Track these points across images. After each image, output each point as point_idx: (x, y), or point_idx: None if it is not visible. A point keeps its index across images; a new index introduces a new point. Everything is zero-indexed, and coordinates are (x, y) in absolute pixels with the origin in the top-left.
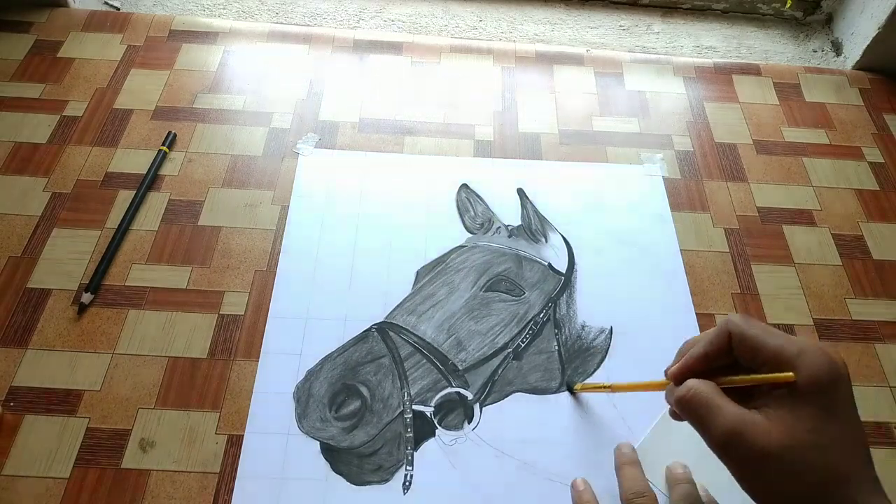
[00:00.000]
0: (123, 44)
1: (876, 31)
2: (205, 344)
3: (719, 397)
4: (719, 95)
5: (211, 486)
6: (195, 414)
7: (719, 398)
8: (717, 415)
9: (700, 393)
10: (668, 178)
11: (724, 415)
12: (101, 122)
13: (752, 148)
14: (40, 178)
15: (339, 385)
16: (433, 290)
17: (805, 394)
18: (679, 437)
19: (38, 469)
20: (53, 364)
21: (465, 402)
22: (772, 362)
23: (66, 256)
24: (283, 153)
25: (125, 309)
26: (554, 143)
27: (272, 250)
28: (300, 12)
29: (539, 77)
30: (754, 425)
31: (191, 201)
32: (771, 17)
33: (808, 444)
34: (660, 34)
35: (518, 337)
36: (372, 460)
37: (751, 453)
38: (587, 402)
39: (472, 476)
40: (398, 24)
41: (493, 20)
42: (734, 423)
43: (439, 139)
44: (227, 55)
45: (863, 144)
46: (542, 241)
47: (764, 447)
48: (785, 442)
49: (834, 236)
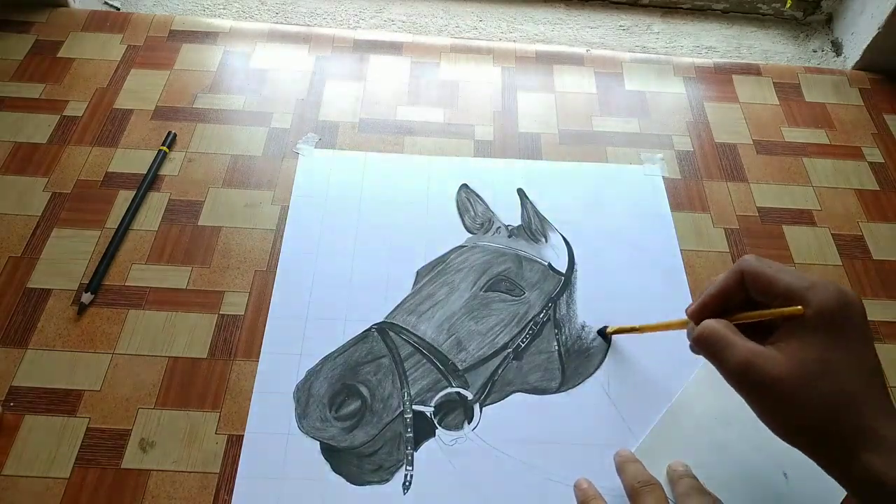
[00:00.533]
0: (123, 44)
1: (876, 31)
2: (205, 344)
3: (733, 333)
4: (719, 95)
5: (211, 486)
6: (195, 414)
7: (733, 334)
8: (730, 349)
9: (715, 330)
10: (668, 178)
11: (737, 348)
12: (101, 122)
13: (752, 148)
14: (40, 178)
15: (339, 385)
16: (433, 290)
17: (814, 324)
18: (679, 438)
19: (38, 469)
20: (53, 364)
21: (465, 402)
22: (783, 297)
23: (66, 256)
24: (283, 153)
25: (125, 309)
26: (554, 143)
27: (272, 250)
28: (300, 12)
29: (539, 77)
30: (765, 357)
31: (191, 201)
32: (771, 17)
33: (816, 371)
34: (660, 34)
35: (518, 337)
36: (372, 460)
37: (763, 382)
38: (587, 402)
39: (472, 476)
40: (398, 24)
41: (493, 20)
42: (746, 355)
43: (439, 139)
44: (227, 55)
45: (863, 144)
46: (542, 241)
47: (775, 376)
48: (794, 370)
49: (834, 236)
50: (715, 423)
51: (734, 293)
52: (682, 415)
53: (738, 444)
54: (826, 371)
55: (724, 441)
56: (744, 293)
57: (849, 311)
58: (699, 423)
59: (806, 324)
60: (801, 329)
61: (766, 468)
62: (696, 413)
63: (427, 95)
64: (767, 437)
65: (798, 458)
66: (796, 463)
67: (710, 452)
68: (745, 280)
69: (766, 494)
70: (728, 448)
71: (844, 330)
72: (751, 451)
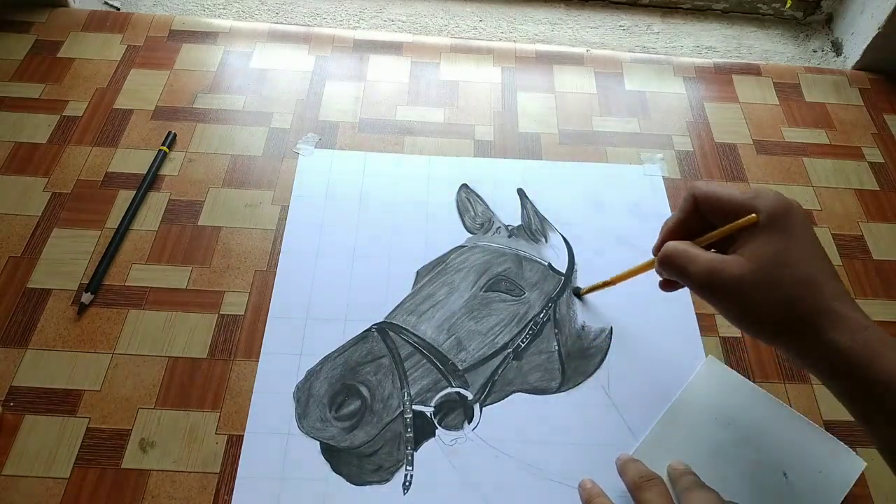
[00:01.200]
0: (123, 44)
1: (876, 31)
2: (205, 344)
3: (694, 248)
4: (719, 95)
5: (211, 486)
6: (195, 414)
7: (694, 249)
8: (693, 262)
9: (676, 248)
10: (668, 178)
11: (700, 261)
12: (101, 122)
13: (752, 148)
14: (40, 178)
15: (339, 385)
16: (433, 290)
17: (766, 226)
18: (679, 438)
19: (38, 469)
20: (53, 364)
21: (465, 402)
22: (734, 211)
23: (66, 256)
24: (283, 153)
25: (125, 309)
26: (554, 143)
27: (272, 250)
28: (300, 12)
29: (539, 77)
30: (727, 261)
31: (191, 201)
32: (771, 17)
33: (776, 263)
34: (660, 34)
35: (518, 337)
36: (372, 460)
37: (727, 284)
38: (587, 402)
39: (472, 476)
40: (398, 24)
41: (493, 20)
42: (709, 264)
43: (439, 139)
44: (227, 55)
45: (863, 144)
46: (542, 241)
47: (737, 276)
48: (755, 268)
49: (834, 236)
50: (715, 423)
51: (692, 220)
52: (682, 415)
53: (738, 444)
54: (784, 262)
55: (724, 441)
56: (701, 219)
57: (791, 210)
58: (699, 423)
59: (758, 228)
60: (755, 234)
61: (766, 468)
62: (695, 413)
63: (427, 95)
64: (767, 437)
65: (798, 458)
66: (796, 463)
67: (710, 452)
68: (698, 204)
69: (766, 494)
70: (728, 448)
71: (792, 226)
72: (751, 451)
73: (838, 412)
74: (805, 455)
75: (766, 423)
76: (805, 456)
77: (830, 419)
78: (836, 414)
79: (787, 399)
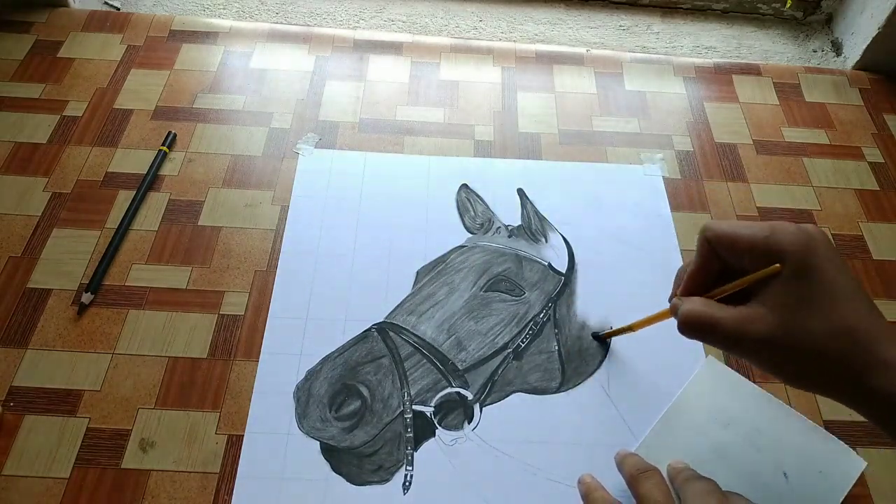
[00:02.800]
0: (123, 44)
1: (876, 31)
2: (205, 344)
3: (713, 308)
4: (719, 95)
5: (211, 486)
6: (195, 414)
7: (713, 309)
8: (716, 326)
9: (694, 312)
10: (668, 178)
11: (724, 324)
12: (101, 122)
13: (752, 148)
14: (40, 178)
15: (339, 385)
16: (433, 290)
17: (788, 269)
18: (679, 438)
19: (38, 469)
20: (53, 364)
21: (465, 402)
22: (751, 251)
23: (66, 256)
24: (283, 153)
25: (125, 309)
26: (554, 143)
27: (272, 250)
28: (300, 12)
29: (539, 77)
30: (751, 319)
31: (191, 201)
32: (771, 17)
33: (804, 313)
34: (660, 34)
35: (518, 337)
36: (372, 460)
37: (757, 345)
38: (587, 402)
39: (472, 476)
40: (398, 24)
41: (493, 20)
42: (733, 327)
43: (439, 139)
44: (227, 55)
45: (863, 144)
46: (542, 241)
47: (766, 334)
48: (781, 320)
49: (834, 236)
50: (715, 423)
51: (710, 265)
52: (682, 415)
53: (738, 444)
54: (813, 310)
55: (724, 441)
56: (719, 260)
57: (814, 245)
58: (699, 423)
59: (781, 271)
60: (778, 277)
61: (766, 468)
62: (695, 413)
63: (427, 95)
64: (767, 437)
65: (798, 458)
66: (796, 463)
67: (710, 452)
68: (713, 247)
69: (766, 494)
70: (728, 448)
71: (817, 266)
72: (751, 451)
73: (838, 412)
74: (805, 455)
75: (766, 423)
76: (805, 456)
77: (830, 419)
78: (836, 414)
79: (787, 399)
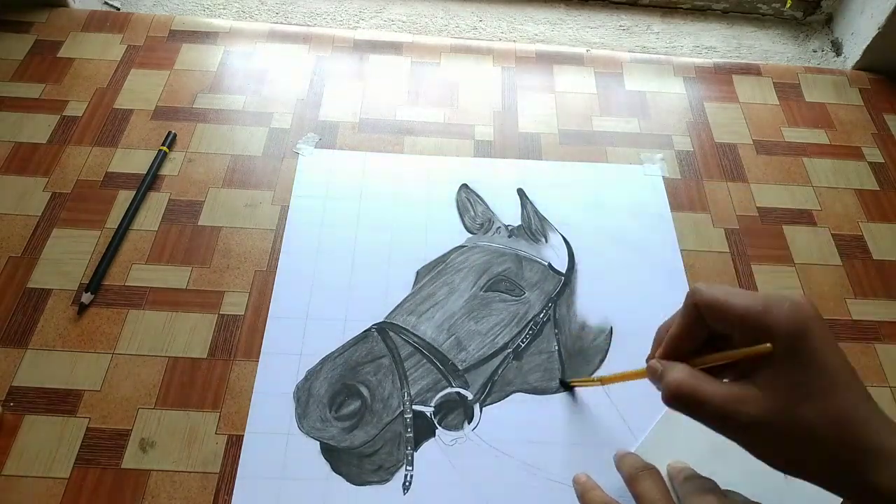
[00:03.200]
0: (123, 44)
1: (876, 31)
2: (205, 344)
3: (702, 382)
4: (719, 95)
5: (211, 486)
6: (195, 414)
7: (702, 382)
8: (704, 403)
9: (684, 385)
10: (668, 178)
11: (711, 400)
12: (101, 122)
13: (752, 148)
14: (40, 178)
15: (339, 385)
16: (433, 290)
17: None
18: (679, 438)
19: (38, 469)
20: (53, 364)
21: (465, 402)
22: (742, 324)
23: (66, 256)
24: (283, 153)
25: (125, 309)
26: (554, 143)
27: (272, 250)
28: (300, 12)
29: (539, 77)
30: (741, 399)
31: (191, 201)
32: (771, 17)
33: (797, 399)
34: (660, 34)
35: (518, 337)
36: (372, 460)
37: (746, 426)
38: (587, 402)
39: (472, 476)
40: (398, 24)
41: (493, 20)
42: (722, 405)
43: (439, 139)
44: (227, 55)
45: (863, 144)
46: (542, 241)
47: (755, 416)
48: (773, 404)
49: (834, 236)
50: None
51: (696, 331)
52: (682, 415)
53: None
54: (806, 397)
55: (724, 441)
56: (705, 326)
57: (810, 326)
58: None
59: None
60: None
61: (765, 468)
62: None
63: (427, 95)
64: None
65: None
66: None
67: (710, 452)
68: (701, 312)
69: (766, 494)
70: (727, 448)
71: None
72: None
73: None
74: None
75: None
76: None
77: None
78: None
79: None
